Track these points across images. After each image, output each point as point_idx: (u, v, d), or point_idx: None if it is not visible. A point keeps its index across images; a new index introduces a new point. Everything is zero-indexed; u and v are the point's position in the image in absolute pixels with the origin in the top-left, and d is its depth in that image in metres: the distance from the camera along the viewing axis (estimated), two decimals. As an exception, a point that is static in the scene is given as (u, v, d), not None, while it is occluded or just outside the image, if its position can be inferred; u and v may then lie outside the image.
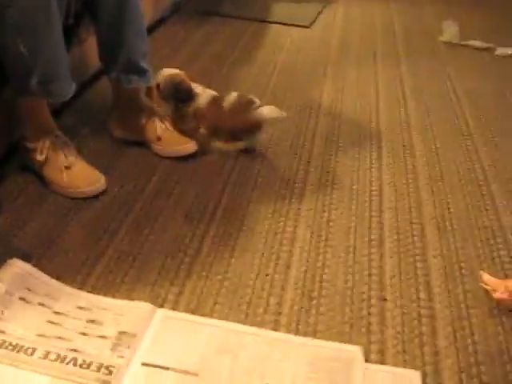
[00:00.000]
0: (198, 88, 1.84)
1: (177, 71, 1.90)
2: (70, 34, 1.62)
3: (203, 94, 1.83)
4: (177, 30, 2.94)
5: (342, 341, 1.21)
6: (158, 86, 1.86)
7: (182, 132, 1.83)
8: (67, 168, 1.61)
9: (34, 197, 1.62)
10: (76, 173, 1.61)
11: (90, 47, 2.04)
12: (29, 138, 1.64)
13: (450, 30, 2.96)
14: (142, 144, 1.83)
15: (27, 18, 1.43)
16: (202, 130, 1.82)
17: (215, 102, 1.81)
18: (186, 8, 3.31)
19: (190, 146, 1.81)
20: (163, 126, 1.81)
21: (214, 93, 1.85)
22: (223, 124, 1.79)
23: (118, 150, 1.83)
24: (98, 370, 1.11)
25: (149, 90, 1.86)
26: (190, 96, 1.81)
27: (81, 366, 1.12)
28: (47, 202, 1.60)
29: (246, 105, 1.81)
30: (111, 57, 1.79)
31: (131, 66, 1.78)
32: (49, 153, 1.61)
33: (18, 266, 1.33)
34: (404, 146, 1.97)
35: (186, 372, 1.12)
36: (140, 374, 1.11)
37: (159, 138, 1.80)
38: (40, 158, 1.61)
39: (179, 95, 1.82)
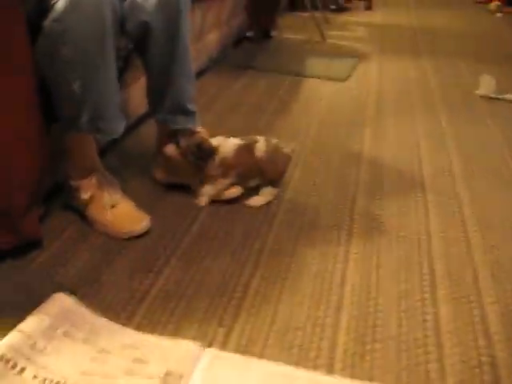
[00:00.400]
0: (217, 140, 1.81)
1: (201, 131, 1.82)
2: (119, 76, 1.61)
3: (226, 143, 1.79)
4: (214, 82, 2.96)
5: (400, 387, 1.14)
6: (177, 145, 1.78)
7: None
8: (112, 207, 1.58)
9: (76, 235, 1.59)
10: (120, 212, 1.59)
11: (134, 92, 2.06)
12: (74, 177, 1.62)
13: (486, 84, 2.95)
14: (185, 187, 1.80)
15: (81, 56, 1.43)
16: (225, 180, 1.78)
17: (245, 149, 1.78)
18: (222, 63, 3.34)
19: (235, 191, 1.77)
20: None
21: (236, 141, 1.81)
22: (256, 171, 1.77)
23: (161, 193, 1.81)
24: (146, 409, 1.05)
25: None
26: (212, 153, 1.77)
27: (127, 405, 1.06)
28: (90, 240, 1.57)
29: (276, 153, 1.80)
30: (159, 98, 1.79)
31: (178, 108, 1.78)
32: (94, 191, 1.59)
33: (62, 300, 1.29)
34: (449, 193, 1.93)
35: (238, 414, 1.05)
36: (190, 415, 1.05)
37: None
38: (85, 196, 1.59)
39: (202, 154, 1.77)
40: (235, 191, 1.78)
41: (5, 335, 1.18)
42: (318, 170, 2.06)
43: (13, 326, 1.20)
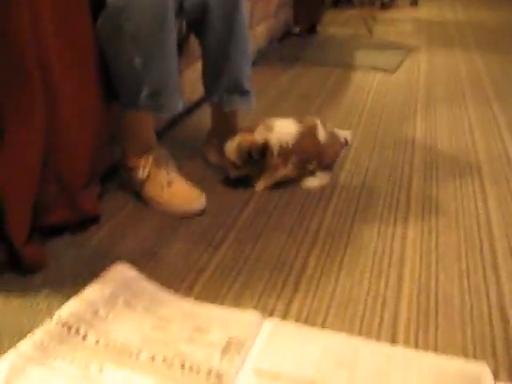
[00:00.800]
0: (275, 124, 1.76)
1: (238, 139, 1.74)
2: (182, 44, 1.62)
3: (285, 129, 1.76)
4: (263, 74, 2.96)
5: (466, 359, 1.12)
6: (233, 163, 1.74)
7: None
8: (169, 185, 1.58)
9: (133, 213, 1.61)
10: (177, 190, 1.59)
11: (187, 78, 2.07)
12: (131, 156, 1.63)
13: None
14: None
15: (143, 32, 1.44)
16: (285, 168, 1.77)
17: (307, 134, 1.76)
18: (270, 55, 3.34)
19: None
20: None
21: (294, 125, 1.78)
22: (316, 155, 1.77)
23: (215, 175, 1.81)
24: (208, 374, 1.06)
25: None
26: (264, 152, 1.74)
27: (190, 369, 1.07)
28: (146, 218, 1.58)
29: (333, 137, 1.82)
30: (216, 78, 1.79)
31: (235, 88, 1.78)
32: (151, 169, 1.60)
33: (124, 270, 1.30)
34: (506, 177, 1.89)
35: (301, 380, 1.04)
36: (252, 380, 1.04)
37: None
38: (142, 175, 1.60)
39: (255, 156, 1.73)
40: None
41: (67, 303, 1.18)
42: (371, 154, 2.04)
43: (72, 294, 1.21)
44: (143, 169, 1.60)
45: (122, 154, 1.67)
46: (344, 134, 1.90)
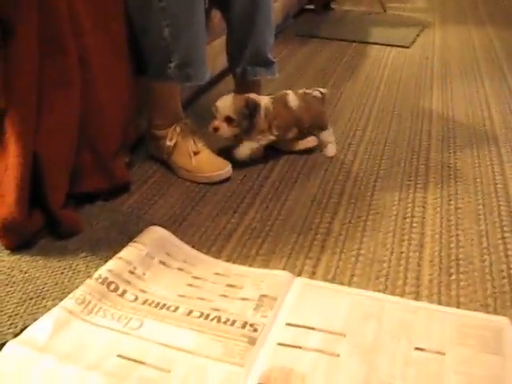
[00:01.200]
0: (253, 95, 1.79)
1: (231, 97, 1.75)
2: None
3: (263, 98, 1.80)
4: (279, 50, 2.99)
5: (487, 313, 1.17)
6: (228, 118, 1.72)
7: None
8: (196, 153, 1.64)
9: (161, 182, 1.67)
10: (204, 158, 1.65)
11: (214, 49, 2.12)
12: (159, 126, 1.69)
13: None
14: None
15: (174, 3, 1.49)
16: (270, 134, 1.79)
17: (279, 102, 1.79)
18: (286, 31, 3.37)
19: (310, 141, 1.82)
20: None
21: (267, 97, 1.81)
22: (292, 121, 1.80)
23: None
24: (243, 327, 1.11)
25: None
26: (259, 105, 1.78)
27: (225, 323, 1.13)
28: (175, 186, 1.65)
29: (306, 100, 1.82)
30: (240, 49, 1.84)
31: (259, 58, 1.84)
32: (178, 138, 1.66)
33: (158, 231, 1.36)
34: (524, 146, 1.93)
35: (333, 332, 1.10)
36: (286, 332, 1.10)
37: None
38: (170, 143, 1.66)
39: (252, 111, 1.74)
40: (311, 141, 1.82)
41: (106, 264, 1.24)
42: (389, 125, 2.09)
43: (108, 257, 1.27)
44: (171, 139, 1.65)
45: (148, 125, 1.72)
46: (317, 92, 1.89)
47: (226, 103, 1.69)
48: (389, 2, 4.27)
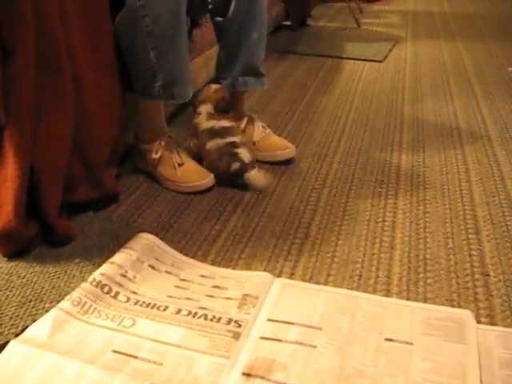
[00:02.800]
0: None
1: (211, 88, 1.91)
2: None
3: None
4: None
5: (451, 307, 1.28)
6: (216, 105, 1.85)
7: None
8: (180, 165, 1.74)
9: (148, 192, 1.76)
10: (188, 169, 1.75)
11: (196, 66, 2.22)
12: (145, 140, 1.79)
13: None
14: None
15: (159, 27, 1.60)
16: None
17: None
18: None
19: (289, 151, 1.95)
20: (260, 132, 1.93)
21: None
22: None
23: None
24: (228, 323, 1.21)
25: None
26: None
27: (211, 320, 1.22)
28: (161, 196, 1.74)
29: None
30: (232, 61, 1.94)
31: (250, 69, 1.94)
32: (163, 151, 1.76)
33: (147, 237, 1.46)
34: (487, 154, 2.06)
35: (310, 326, 1.20)
36: (267, 327, 1.20)
37: (254, 143, 1.94)
38: (155, 156, 1.76)
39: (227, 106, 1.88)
40: (289, 151, 1.93)
41: (99, 268, 1.34)
42: (363, 136, 2.22)
43: (101, 262, 1.36)
44: (156, 152, 1.75)
45: (135, 139, 1.82)
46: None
47: (207, 93, 1.86)
48: (363, 18, 4.43)
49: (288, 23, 4.03)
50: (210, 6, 1.92)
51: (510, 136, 2.24)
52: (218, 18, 1.93)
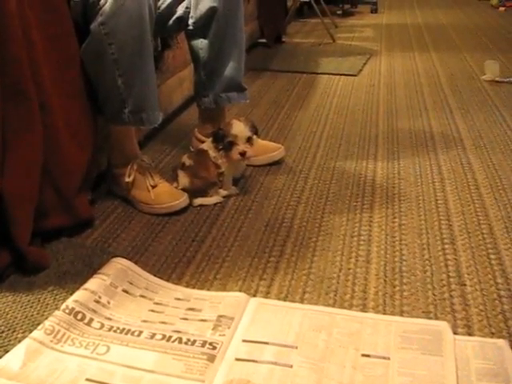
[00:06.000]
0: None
1: (238, 121, 1.83)
2: (158, 61, 1.78)
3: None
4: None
5: (428, 319, 1.28)
6: (249, 139, 1.82)
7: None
8: (153, 187, 1.74)
9: (123, 216, 1.75)
10: (161, 191, 1.74)
11: (160, 94, 2.22)
12: (117, 165, 1.78)
13: (491, 69, 3.10)
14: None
15: (125, 55, 1.60)
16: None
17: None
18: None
19: (281, 151, 2.07)
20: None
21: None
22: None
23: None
24: (203, 345, 1.20)
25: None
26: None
27: (186, 343, 1.21)
28: (135, 219, 1.73)
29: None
30: (213, 76, 1.97)
31: (233, 84, 1.98)
32: (136, 174, 1.75)
33: (120, 262, 1.44)
34: (462, 163, 2.08)
35: (285, 345, 1.19)
36: (242, 348, 1.19)
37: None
38: (128, 179, 1.75)
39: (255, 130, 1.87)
40: (281, 151, 2.10)
41: (72, 294, 1.32)
42: (338, 150, 2.23)
43: (75, 289, 1.34)
44: (129, 175, 1.75)
45: (108, 163, 1.81)
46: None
47: (241, 127, 1.78)
48: (338, 33, 4.47)
49: (263, 40, 4.04)
50: (191, 28, 1.92)
51: (484, 144, 2.25)
52: (197, 39, 1.94)
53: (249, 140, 1.79)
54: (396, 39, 4.45)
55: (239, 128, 1.78)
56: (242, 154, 1.78)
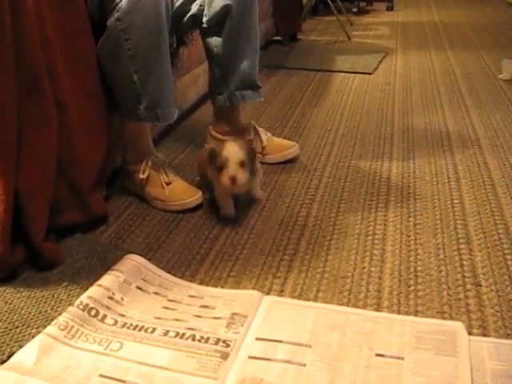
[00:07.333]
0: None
1: (234, 143, 1.65)
2: (173, 58, 1.78)
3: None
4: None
5: (443, 319, 1.27)
6: (242, 163, 1.61)
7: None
8: (168, 184, 1.73)
9: (137, 212, 1.75)
10: (176, 188, 1.74)
11: (184, 84, 2.22)
12: (131, 161, 1.78)
13: (508, 68, 3.07)
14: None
15: (141, 50, 1.60)
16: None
17: None
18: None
19: (296, 149, 2.07)
20: (265, 136, 2.04)
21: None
22: None
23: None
24: (216, 343, 1.20)
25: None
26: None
27: (199, 340, 1.21)
28: (149, 216, 1.73)
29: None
30: (228, 74, 1.96)
31: (247, 82, 1.97)
32: (150, 171, 1.75)
33: (134, 259, 1.44)
34: (478, 162, 2.06)
35: (299, 344, 1.19)
36: (256, 346, 1.19)
37: (263, 148, 2.02)
38: (142, 176, 1.75)
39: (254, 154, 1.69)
40: (296, 148, 2.08)
41: (86, 291, 1.33)
42: (353, 149, 2.22)
43: (89, 285, 1.35)
44: (143, 172, 1.75)
45: (122, 160, 1.82)
46: None
47: (234, 149, 1.60)
48: (353, 31, 4.45)
49: (278, 38, 4.03)
50: (205, 25, 1.92)
51: (501, 143, 2.23)
52: (212, 36, 1.94)
53: (242, 164, 1.59)
54: (412, 37, 4.43)
55: (231, 150, 1.59)
56: (232, 180, 1.58)
